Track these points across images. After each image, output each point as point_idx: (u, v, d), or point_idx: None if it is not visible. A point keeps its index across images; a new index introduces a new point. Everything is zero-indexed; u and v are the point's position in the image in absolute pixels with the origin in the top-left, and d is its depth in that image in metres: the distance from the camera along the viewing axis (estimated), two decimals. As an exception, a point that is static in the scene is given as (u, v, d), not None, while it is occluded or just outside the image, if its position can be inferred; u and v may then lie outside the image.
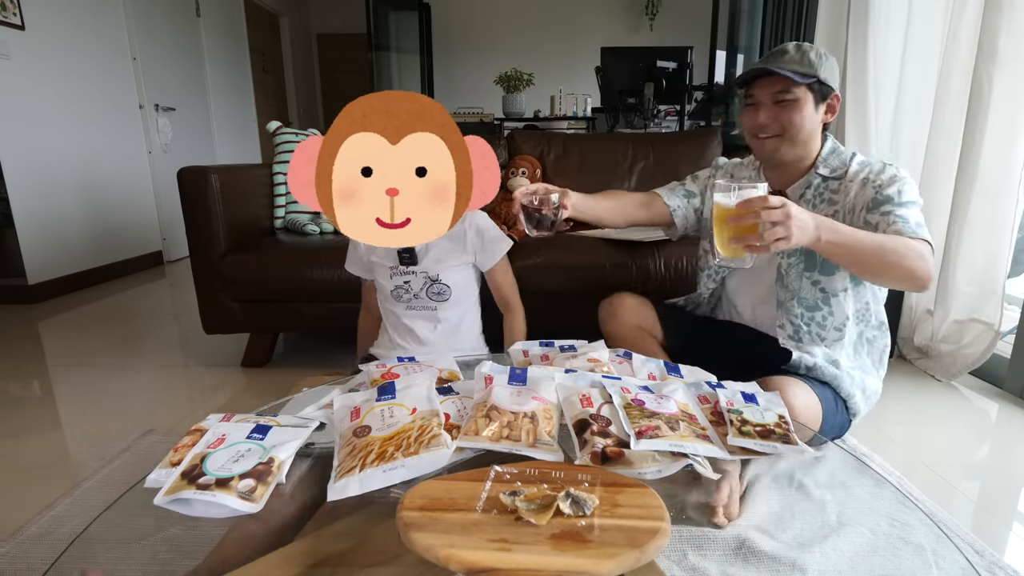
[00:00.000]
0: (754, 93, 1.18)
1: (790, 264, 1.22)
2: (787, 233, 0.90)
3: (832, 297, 1.19)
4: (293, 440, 0.74)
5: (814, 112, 1.17)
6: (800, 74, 1.12)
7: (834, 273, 1.18)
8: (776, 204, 0.90)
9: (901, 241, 1.03)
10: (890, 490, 0.87)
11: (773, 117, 1.16)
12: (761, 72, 1.15)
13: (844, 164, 1.21)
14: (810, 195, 1.23)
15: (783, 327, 1.24)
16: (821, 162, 1.22)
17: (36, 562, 1.05)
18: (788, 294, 1.22)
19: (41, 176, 3.06)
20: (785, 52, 1.16)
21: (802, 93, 1.14)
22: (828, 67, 1.15)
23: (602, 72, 4.03)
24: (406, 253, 1.32)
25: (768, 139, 1.18)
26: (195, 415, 1.70)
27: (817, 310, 1.20)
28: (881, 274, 1.07)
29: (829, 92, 1.17)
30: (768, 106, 1.16)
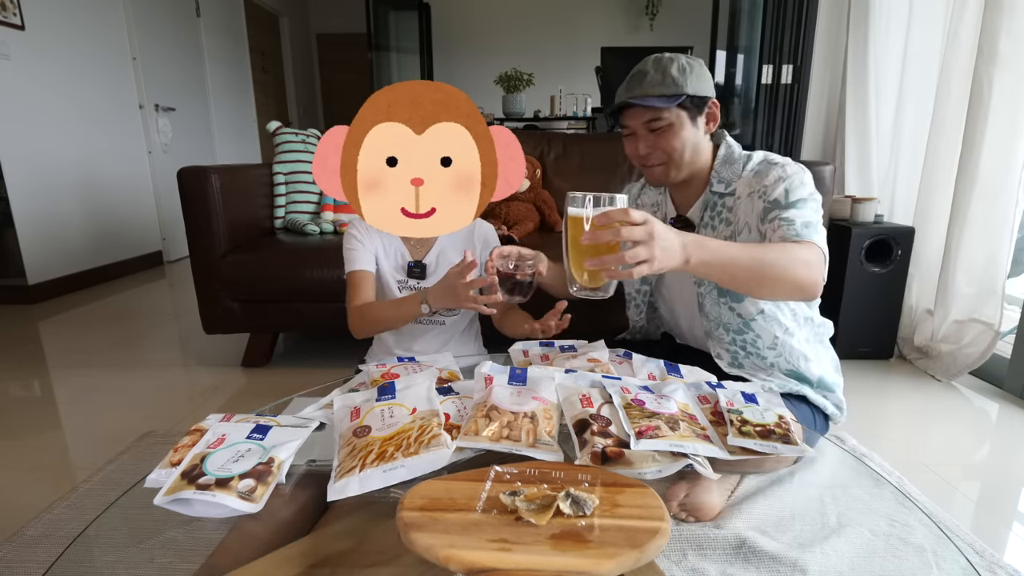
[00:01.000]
0: (627, 124, 1.12)
1: (703, 293, 1.15)
2: (650, 255, 0.77)
3: (751, 321, 1.12)
4: (293, 440, 0.74)
5: (693, 129, 1.09)
6: (665, 97, 1.05)
7: (743, 299, 1.11)
8: (638, 220, 0.77)
9: (782, 250, 0.94)
10: (890, 490, 0.87)
11: (652, 146, 1.10)
12: (624, 104, 1.08)
13: (737, 175, 1.12)
14: (707, 218, 1.14)
15: (720, 356, 1.16)
16: (714, 176, 1.14)
17: (34, 565, 1.05)
18: (712, 323, 1.15)
19: (41, 176, 3.06)
20: (645, 75, 1.07)
21: (673, 116, 1.07)
22: (696, 77, 1.07)
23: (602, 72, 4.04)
24: (416, 268, 1.30)
25: (655, 167, 1.12)
26: (195, 415, 1.70)
27: (744, 333, 1.13)
28: (764, 291, 0.98)
29: (704, 103, 1.09)
30: (644, 135, 1.10)
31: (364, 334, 1.26)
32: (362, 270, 1.27)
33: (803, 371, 1.14)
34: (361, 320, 1.23)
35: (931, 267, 2.06)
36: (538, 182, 2.41)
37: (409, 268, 1.30)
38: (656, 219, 0.81)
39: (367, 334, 1.27)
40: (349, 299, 1.25)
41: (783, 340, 1.12)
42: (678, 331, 1.31)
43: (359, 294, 1.25)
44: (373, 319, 1.22)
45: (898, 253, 2.01)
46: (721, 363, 1.15)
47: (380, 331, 1.29)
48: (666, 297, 1.27)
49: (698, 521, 0.87)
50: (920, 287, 2.12)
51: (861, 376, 1.96)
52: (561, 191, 2.45)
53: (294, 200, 2.31)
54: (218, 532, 0.70)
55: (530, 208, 2.32)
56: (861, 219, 2.10)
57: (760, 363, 1.14)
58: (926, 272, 2.09)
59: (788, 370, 1.14)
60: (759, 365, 1.14)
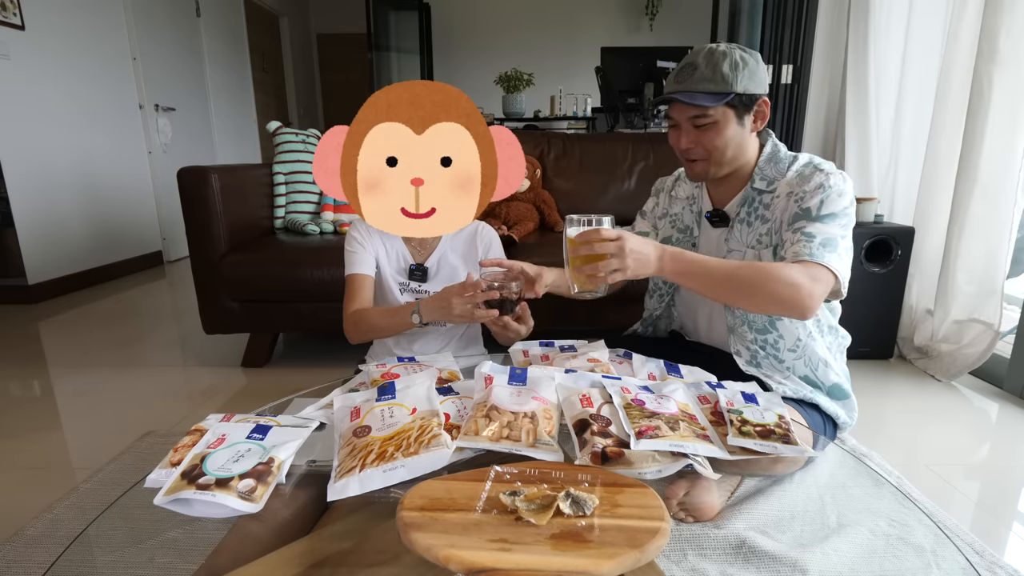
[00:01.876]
0: (672, 115, 1.10)
1: None
2: (622, 265, 0.93)
3: (778, 320, 1.11)
4: (293, 440, 0.74)
5: (739, 128, 1.07)
6: (713, 94, 1.02)
7: None
8: (611, 237, 0.93)
9: (764, 271, 0.97)
10: (890, 490, 0.87)
11: (695, 141, 1.08)
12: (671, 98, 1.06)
13: (781, 173, 1.11)
14: (744, 213, 1.14)
15: (739, 354, 1.16)
16: (757, 174, 1.12)
17: (33, 565, 1.05)
18: (737, 319, 1.15)
19: (41, 176, 3.06)
20: (695, 68, 1.03)
21: (720, 114, 1.04)
22: (748, 74, 1.03)
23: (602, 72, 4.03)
24: (418, 271, 1.29)
25: (696, 162, 1.11)
26: (195, 415, 1.70)
27: (767, 333, 1.13)
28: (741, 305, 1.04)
29: (754, 101, 1.06)
30: (688, 129, 1.08)
31: (358, 340, 1.26)
32: (360, 274, 1.26)
33: (819, 376, 1.14)
34: (355, 326, 1.23)
35: (931, 267, 2.06)
36: (538, 182, 2.41)
37: (411, 271, 1.29)
38: (631, 234, 0.95)
39: (360, 340, 1.26)
40: (346, 303, 1.25)
41: (806, 343, 1.12)
42: (692, 326, 1.30)
43: (355, 299, 1.24)
44: (367, 327, 1.22)
45: (898, 253, 2.01)
46: (740, 360, 1.15)
47: (373, 338, 1.29)
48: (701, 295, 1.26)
49: (697, 521, 0.87)
50: (920, 287, 2.12)
51: (861, 376, 1.96)
52: (561, 191, 2.45)
53: (294, 200, 2.31)
54: (218, 532, 0.70)
55: (530, 208, 2.32)
56: (861, 219, 2.10)
57: (777, 365, 1.14)
58: (926, 272, 2.09)
59: (804, 375, 1.14)
60: (776, 367, 1.14)
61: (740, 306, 1.08)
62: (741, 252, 1.13)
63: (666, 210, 1.30)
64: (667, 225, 1.29)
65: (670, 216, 1.29)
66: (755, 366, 1.14)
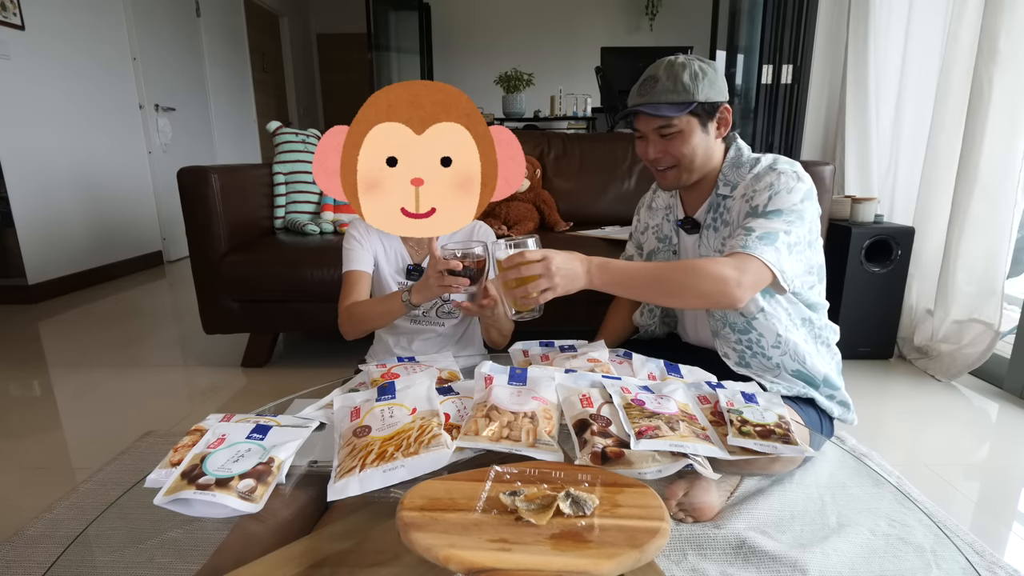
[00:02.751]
0: (638, 128, 1.13)
1: None
2: (550, 284, 0.94)
3: (752, 320, 1.12)
4: (293, 440, 0.74)
5: (704, 135, 1.10)
6: (675, 104, 1.06)
7: None
8: (535, 258, 0.93)
9: (687, 268, 1.00)
10: (890, 490, 0.87)
11: (663, 151, 1.11)
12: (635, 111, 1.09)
13: (743, 177, 1.13)
14: (710, 219, 1.16)
15: (727, 356, 1.17)
16: (721, 179, 1.15)
17: (33, 566, 1.05)
18: (718, 322, 1.17)
19: (41, 176, 3.06)
20: (656, 80, 1.07)
21: (684, 123, 1.07)
22: (708, 83, 1.06)
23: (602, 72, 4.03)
24: (415, 271, 1.29)
25: (666, 171, 1.14)
26: (195, 415, 1.70)
27: (747, 332, 1.14)
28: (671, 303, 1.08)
29: (716, 108, 1.10)
30: (655, 140, 1.11)
31: (352, 334, 1.25)
32: (357, 270, 1.27)
33: (808, 369, 1.14)
34: (349, 319, 1.23)
35: (931, 267, 2.06)
36: (538, 182, 2.41)
37: (408, 271, 1.29)
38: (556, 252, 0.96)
39: (355, 333, 1.26)
40: (342, 298, 1.25)
41: (786, 338, 1.13)
42: (683, 330, 1.32)
43: (351, 294, 1.25)
44: (360, 317, 1.22)
45: (898, 253, 2.01)
46: (728, 362, 1.16)
47: (367, 330, 1.27)
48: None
49: (696, 521, 0.87)
50: (920, 287, 2.12)
51: (861, 376, 1.96)
52: (561, 191, 2.45)
53: (294, 200, 2.31)
54: (218, 532, 0.70)
55: (530, 208, 2.32)
56: (861, 219, 2.10)
57: (766, 363, 1.14)
58: (926, 272, 2.09)
59: (794, 370, 1.14)
60: (765, 365, 1.14)
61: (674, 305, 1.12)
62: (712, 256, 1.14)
63: (647, 224, 1.33)
64: (651, 238, 1.31)
65: (651, 228, 1.31)
66: (745, 367, 1.15)
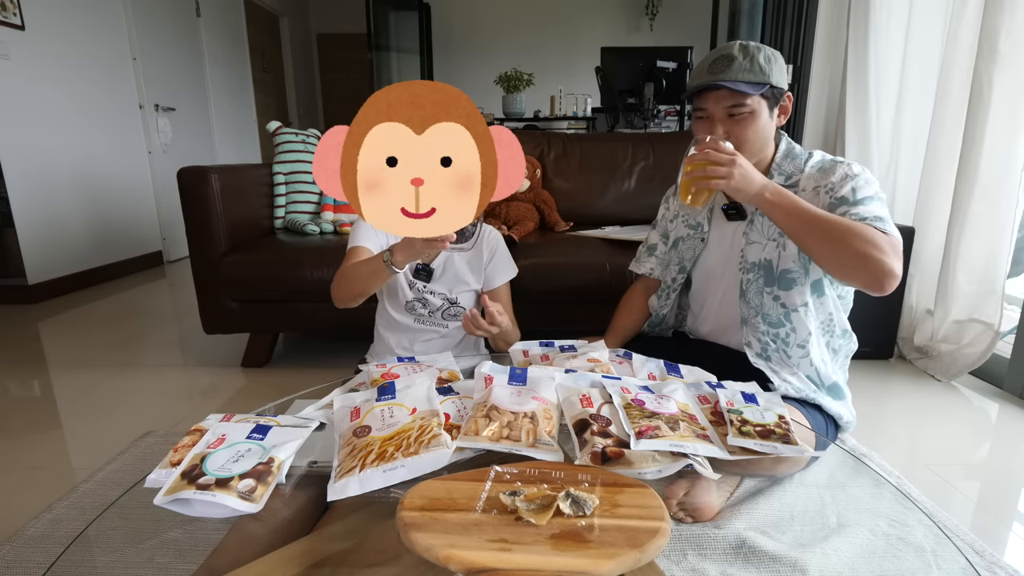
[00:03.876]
0: (705, 107, 1.10)
1: (749, 280, 1.17)
2: (727, 173, 0.97)
3: (792, 312, 1.13)
4: (293, 440, 0.74)
5: (768, 120, 1.11)
6: (751, 84, 1.05)
7: (791, 288, 1.13)
8: (726, 149, 0.99)
9: (855, 226, 0.99)
10: (890, 490, 0.87)
11: (728, 132, 1.09)
12: (710, 86, 1.07)
13: (799, 169, 1.15)
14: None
15: (750, 345, 1.17)
16: (775, 168, 1.15)
17: (33, 566, 1.05)
18: (752, 311, 1.17)
19: (41, 176, 3.06)
20: (732, 59, 1.06)
21: (756, 104, 1.08)
22: (778, 68, 1.08)
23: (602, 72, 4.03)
24: (423, 270, 1.29)
25: None
26: (195, 415, 1.70)
27: (780, 326, 1.15)
28: (826, 250, 1.00)
29: (781, 95, 1.11)
30: (722, 119, 1.09)
31: (341, 299, 1.24)
32: (362, 246, 1.28)
33: (822, 375, 1.16)
34: (338, 284, 1.22)
35: (931, 267, 2.05)
36: (538, 182, 2.41)
37: (416, 270, 1.30)
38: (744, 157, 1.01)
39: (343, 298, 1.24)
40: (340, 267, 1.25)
41: (815, 341, 1.14)
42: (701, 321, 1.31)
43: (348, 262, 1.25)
44: (348, 277, 1.21)
45: (898, 253, 2.01)
46: (750, 352, 1.17)
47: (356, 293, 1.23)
48: (703, 282, 1.28)
49: (696, 521, 0.87)
50: (920, 287, 2.12)
51: (861, 376, 1.96)
52: (561, 191, 2.45)
53: (294, 200, 2.31)
54: (218, 532, 0.70)
55: (530, 208, 2.32)
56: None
57: (785, 359, 1.16)
58: (926, 272, 2.09)
59: (808, 373, 1.15)
60: (784, 361, 1.16)
61: (822, 254, 1.03)
62: (762, 244, 1.15)
63: (676, 212, 1.34)
64: (679, 225, 1.32)
65: (682, 216, 1.32)
66: (764, 359, 1.16)
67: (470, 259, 1.32)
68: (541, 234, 2.26)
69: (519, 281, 1.46)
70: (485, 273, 1.35)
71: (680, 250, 1.30)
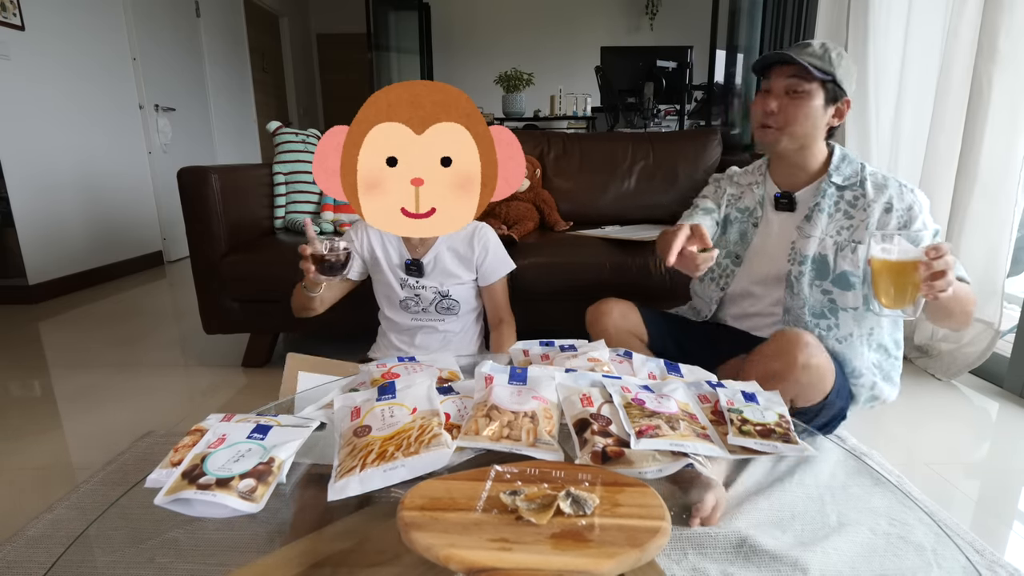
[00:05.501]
0: (770, 79, 1.18)
1: (800, 272, 1.21)
2: (950, 282, 0.89)
3: (841, 311, 1.19)
4: (293, 440, 0.74)
5: (822, 111, 1.17)
6: (817, 68, 1.12)
7: (849, 289, 1.18)
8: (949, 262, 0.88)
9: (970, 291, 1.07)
10: (890, 489, 0.87)
11: (781, 108, 1.16)
12: (779, 59, 1.15)
13: (856, 174, 1.21)
14: (825, 204, 1.22)
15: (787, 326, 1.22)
16: (834, 170, 1.22)
17: (34, 566, 1.05)
18: (799, 302, 1.22)
19: (41, 176, 3.06)
20: (809, 46, 1.15)
21: (814, 88, 1.14)
22: (846, 70, 1.16)
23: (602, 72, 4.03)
24: (413, 266, 1.31)
25: (771, 129, 1.18)
26: (195, 415, 1.70)
27: (823, 318, 1.20)
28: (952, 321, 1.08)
29: (841, 95, 1.17)
30: (779, 95, 1.17)
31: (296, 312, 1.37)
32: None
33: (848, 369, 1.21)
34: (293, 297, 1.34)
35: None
36: (538, 182, 2.41)
37: (406, 266, 1.31)
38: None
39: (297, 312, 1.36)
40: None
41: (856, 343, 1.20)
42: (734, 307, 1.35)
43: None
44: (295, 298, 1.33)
45: (898, 252, 2.01)
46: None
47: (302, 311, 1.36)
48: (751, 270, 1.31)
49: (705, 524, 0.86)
50: (920, 286, 2.12)
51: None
52: (561, 191, 2.45)
53: (294, 200, 2.31)
54: (218, 532, 0.70)
55: (530, 208, 2.32)
56: (861, 218, 2.10)
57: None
58: (926, 271, 2.09)
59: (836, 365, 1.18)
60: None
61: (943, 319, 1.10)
62: (818, 239, 1.20)
63: (726, 190, 1.39)
64: (725, 204, 1.38)
65: (728, 196, 1.38)
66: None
67: (462, 254, 1.34)
68: (541, 234, 2.26)
69: (519, 281, 1.47)
70: (481, 270, 1.36)
71: (728, 232, 1.34)
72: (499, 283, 1.39)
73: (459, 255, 1.34)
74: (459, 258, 1.34)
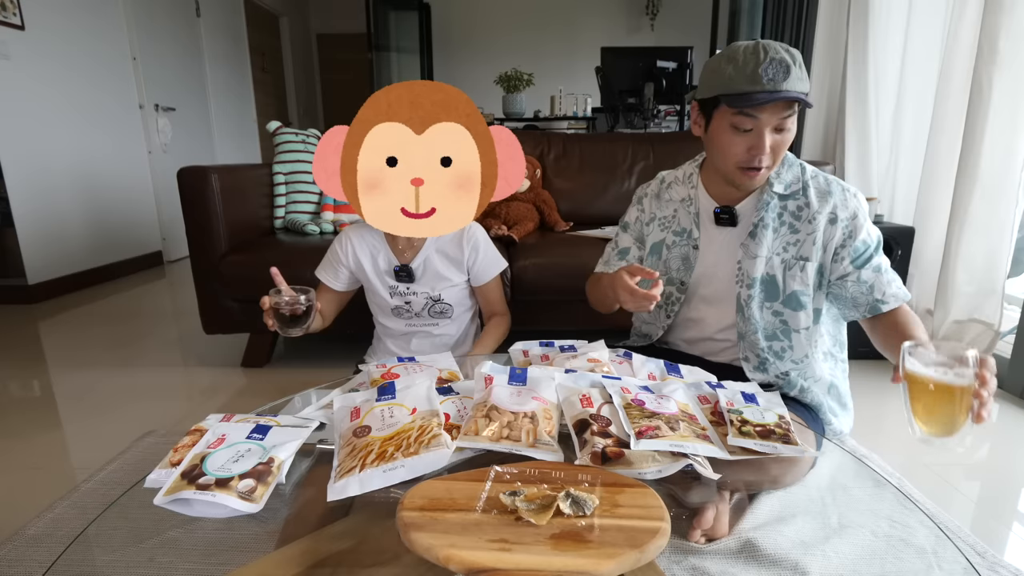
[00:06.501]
0: (760, 118, 0.98)
1: (750, 296, 1.11)
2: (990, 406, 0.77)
3: (793, 332, 1.11)
4: (293, 440, 0.74)
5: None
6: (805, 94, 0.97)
7: (800, 310, 1.10)
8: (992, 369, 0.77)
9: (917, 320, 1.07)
10: (891, 491, 0.87)
11: (773, 145, 1.01)
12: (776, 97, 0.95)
13: (798, 179, 1.09)
14: (769, 219, 1.09)
15: (747, 359, 1.14)
16: (775, 178, 1.08)
17: (34, 565, 1.05)
18: (751, 327, 1.12)
19: (41, 176, 3.06)
20: (789, 67, 0.95)
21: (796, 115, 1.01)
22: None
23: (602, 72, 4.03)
24: (403, 272, 1.29)
25: (759, 170, 1.02)
26: (195, 415, 1.70)
27: (776, 340, 1.12)
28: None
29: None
30: (769, 133, 0.99)
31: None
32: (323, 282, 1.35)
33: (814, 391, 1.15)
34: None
35: (931, 267, 2.05)
36: (538, 182, 2.41)
37: (395, 272, 1.29)
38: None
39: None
40: None
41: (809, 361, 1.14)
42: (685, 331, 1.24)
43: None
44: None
45: (898, 253, 2.01)
46: (747, 365, 1.15)
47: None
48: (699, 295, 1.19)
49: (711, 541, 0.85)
50: (920, 287, 2.12)
51: (861, 376, 1.96)
52: (561, 191, 2.45)
53: (294, 200, 2.31)
54: (218, 532, 0.70)
55: (530, 208, 2.32)
56: (861, 219, 2.09)
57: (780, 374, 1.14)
58: (926, 272, 2.09)
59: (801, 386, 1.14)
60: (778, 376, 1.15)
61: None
62: (764, 259, 1.10)
63: (654, 214, 1.24)
64: (656, 229, 1.23)
65: (659, 220, 1.23)
66: (762, 371, 1.14)
67: (451, 256, 1.31)
68: (541, 234, 2.26)
69: (520, 281, 1.46)
70: (472, 271, 1.33)
71: (666, 258, 1.20)
72: (492, 282, 1.37)
73: (449, 257, 1.30)
74: (449, 260, 1.30)
